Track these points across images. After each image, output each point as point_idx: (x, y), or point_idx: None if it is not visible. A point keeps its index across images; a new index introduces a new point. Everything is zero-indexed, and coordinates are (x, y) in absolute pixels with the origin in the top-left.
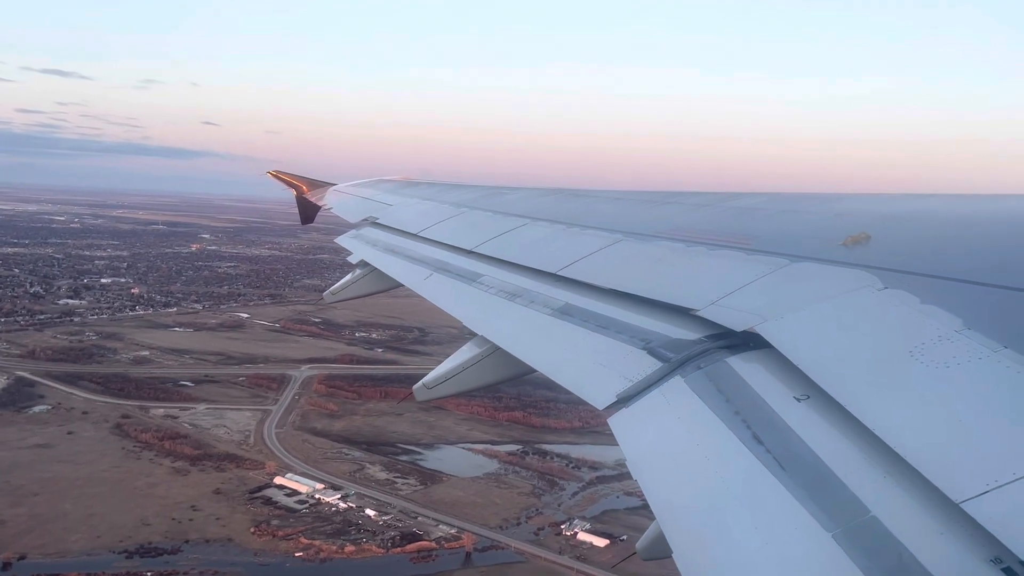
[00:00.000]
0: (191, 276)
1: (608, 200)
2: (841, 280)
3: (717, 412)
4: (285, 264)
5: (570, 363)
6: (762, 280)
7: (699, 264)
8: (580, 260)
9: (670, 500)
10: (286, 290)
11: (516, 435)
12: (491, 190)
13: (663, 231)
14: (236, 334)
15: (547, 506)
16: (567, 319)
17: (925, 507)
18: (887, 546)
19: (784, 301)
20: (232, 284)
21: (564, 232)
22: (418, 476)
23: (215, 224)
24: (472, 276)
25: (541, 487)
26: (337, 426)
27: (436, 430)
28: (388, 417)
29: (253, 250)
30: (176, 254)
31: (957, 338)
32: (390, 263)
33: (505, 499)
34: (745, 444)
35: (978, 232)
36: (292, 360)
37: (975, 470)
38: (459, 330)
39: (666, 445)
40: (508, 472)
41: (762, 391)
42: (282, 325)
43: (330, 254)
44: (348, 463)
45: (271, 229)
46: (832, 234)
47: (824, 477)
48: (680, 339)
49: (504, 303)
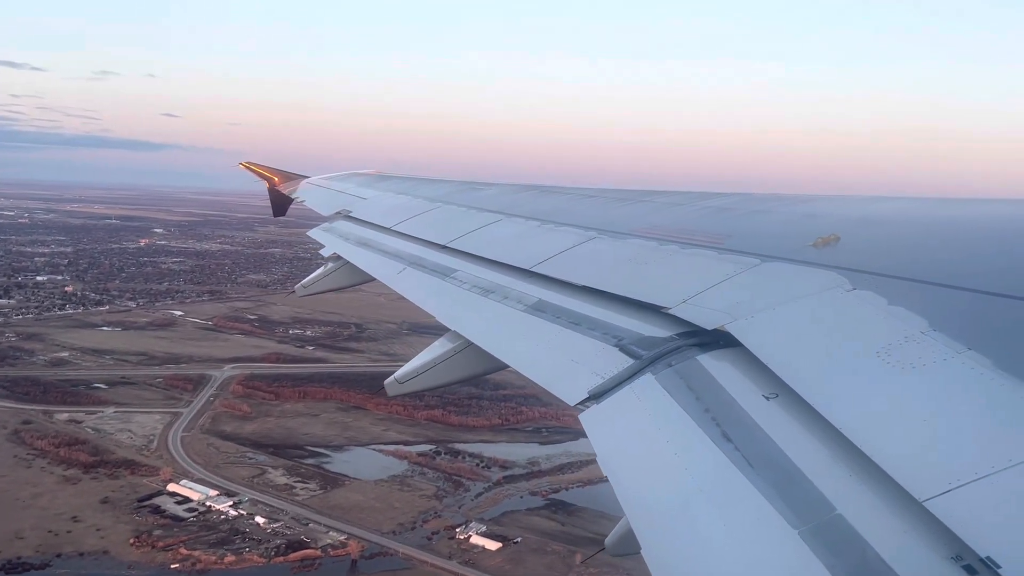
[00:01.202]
0: (133, 272)
1: (582, 197)
2: (810, 280)
3: (687, 409)
4: (233, 259)
5: (542, 359)
6: (733, 279)
7: (671, 262)
8: (554, 257)
9: (639, 496)
10: (228, 286)
11: (432, 434)
12: (465, 185)
13: (636, 229)
14: (165, 333)
15: (447, 508)
16: (540, 315)
17: (889, 505)
18: (852, 544)
19: (754, 300)
20: (173, 280)
21: (538, 228)
22: (320, 480)
23: (171, 218)
24: (446, 271)
25: (446, 489)
26: (247, 428)
27: (350, 431)
28: (303, 418)
29: (203, 245)
30: (122, 249)
31: (923, 339)
32: (363, 257)
33: (405, 502)
34: (714, 442)
35: (945, 235)
36: (216, 359)
37: (938, 469)
38: (397, 325)
39: (636, 442)
40: (415, 474)
41: (732, 389)
42: (215, 323)
43: (282, 248)
44: (249, 468)
45: (227, 223)
46: (802, 235)
47: (791, 475)
48: (652, 337)
49: (477, 298)
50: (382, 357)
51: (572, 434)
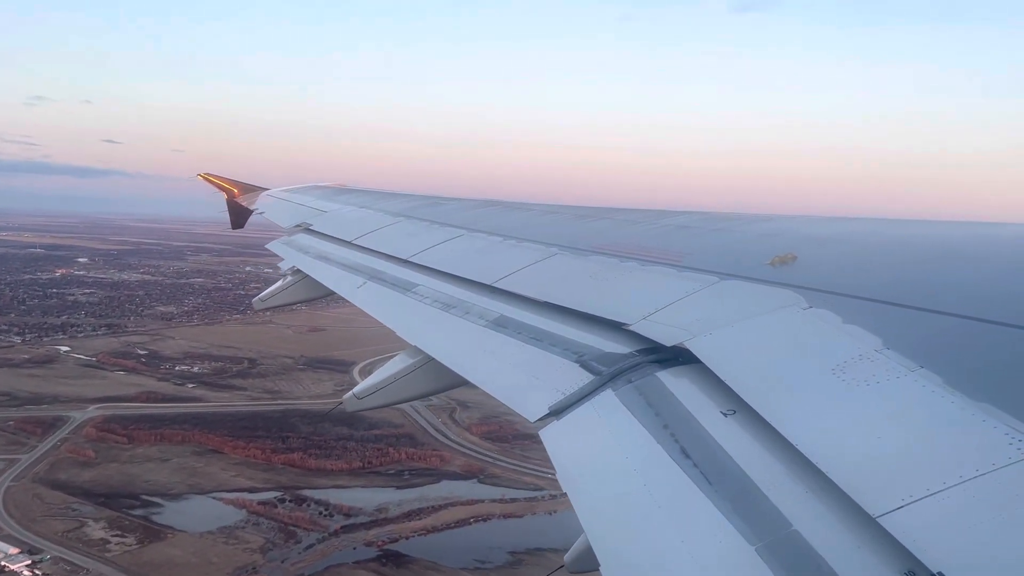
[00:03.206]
0: (34, 305)
1: (544, 213)
2: (768, 298)
3: (646, 426)
4: (149, 289)
5: (503, 375)
6: (692, 296)
7: (632, 279)
8: (515, 272)
9: (598, 512)
10: (131, 319)
11: (285, 480)
12: (427, 200)
13: (598, 246)
14: (40, 370)
15: (269, 563)
16: (501, 331)
17: (844, 521)
18: (808, 560)
19: (713, 317)
20: (74, 313)
21: (500, 244)
22: (141, 533)
23: (102, 246)
24: (407, 285)
25: (275, 541)
26: (85, 476)
27: (196, 477)
28: (151, 463)
29: (124, 275)
30: (34, 280)
31: (877, 357)
32: (322, 270)
33: (225, 557)
34: (673, 458)
35: (899, 255)
36: (84, 399)
37: (891, 485)
38: (294, 359)
39: (596, 458)
40: (248, 524)
41: (690, 405)
42: (99, 359)
43: (204, 278)
44: (69, 521)
45: (160, 251)
46: (760, 253)
47: (748, 491)
48: (612, 353)
49: (439, 313)
50: (263, 395)
51: (434, 476)
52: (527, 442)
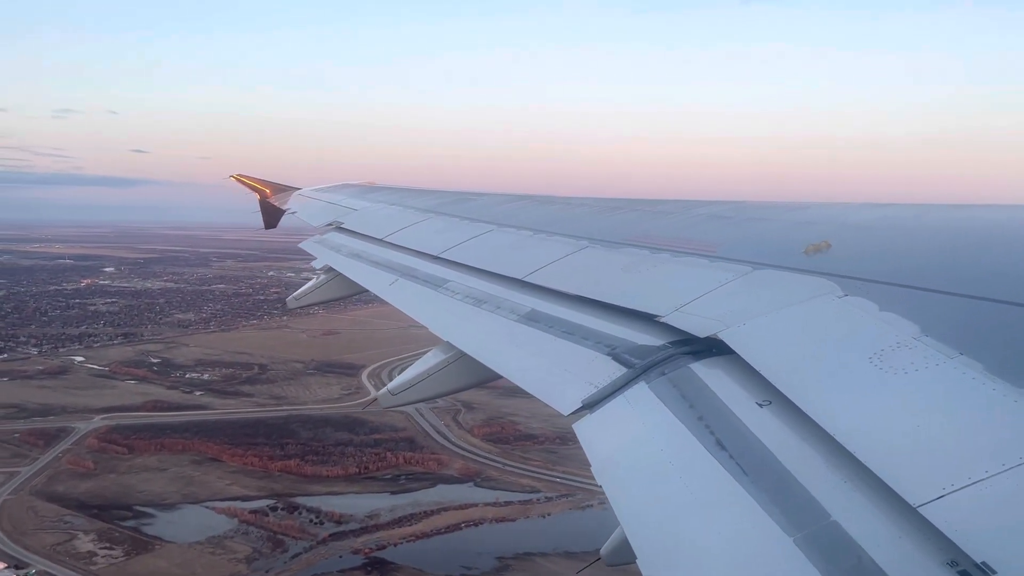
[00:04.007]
0: (56, 315)
1: (574, 206)
2: (802, 287)
3: (681, 418)
4: (170, 297)
5: (535, 369)
6: (725, 287)
7: (664, 271)
8: (546, 266)
9: (634, 505)
10: (148, 327)
11: (280, 487)
12: (457, 195)
13: (629, 238)
14: (52, 382)
15: (255, 571)
16: (533, 325)
17: (884, 511)
18: (847, 550)
19: (747, 308)
20: (93, 323)
21: (530, 238)
22: (129, 545)
23: (130, 255)
24: (438, 282)
25: (263, 550)
26: (82, 487)
27: (192, 486)
28: (148, 473)
29: (148, 282)
30: (59, 291)
31: (914, 345)
32: (355, 268)
33: (210, 568)
34: (708, 449)
35: (936, 241)
36: (90, 410)
37: (932, 474)
38: (304, 364)
39: (630, 451)
40: (237, 534)
41: (725, 397)
42: (111, 369)
43: (226, 284)
44: (59, 534)
45: (186, 259)
46: (794, 242)
47: (786, 482)
48: (645, 345)
49: (470, 309)
50: (269, 402)
51: (430, 480)
52: (528, 443)
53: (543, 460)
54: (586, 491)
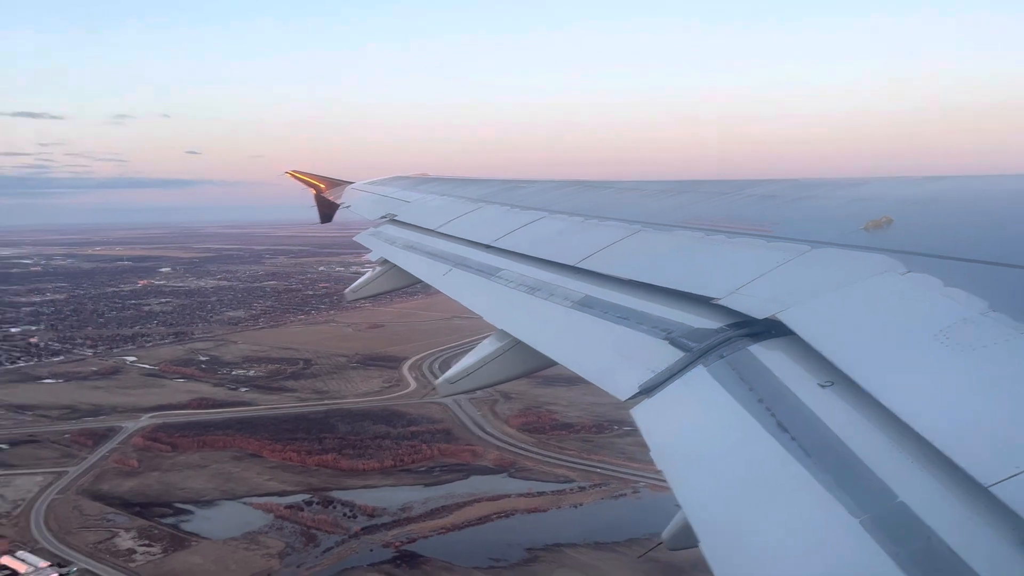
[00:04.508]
0: (112, 317)
1: (625, 190)
2: (863, 265)
3: (740, 401)
4: (222, 295)
5: (591, 355)
6: (783, 267)
7: (719, 252)
8: (599, 251)
9: (695, 489)
10: (199, 326)
11: (317, 481)
12: (507, 184)
13: (682, 220)
14: (104, 382)
15: (286, 568)
16: (587, 311)
17: (953, 491)
18: (915, 531)
19: (806, 288)
20: (146, 323)
21: (582, 224)
22: (167, 542)
23: (185, 255)
24: (491, 270)
25: (295, 545)
26: (126, 486)
27: (232, 483)
28: (190, 471)
29: (201, 282)
30: (116, 293)
31: (982, 320)
32: (409, 259)
33: (243, 563)
34: (769, 432)
35: (1002, 213)
36: (139, 409)
37: (1003, 453)
38: (348, 358)
39: (690, 435)
40: (272, 529)
41: (785, 379)
42: (162, 368)
43: (277, 280)
44: (101, 532)
45: (240, 257)
46: (853, 219)
47: (850, 463)
48: (702, 328)
49: (524, 296)
50: (311, 396)
51: (464, 472)
52: (564, 432)
53: (578, 449)
54: (620, 480)
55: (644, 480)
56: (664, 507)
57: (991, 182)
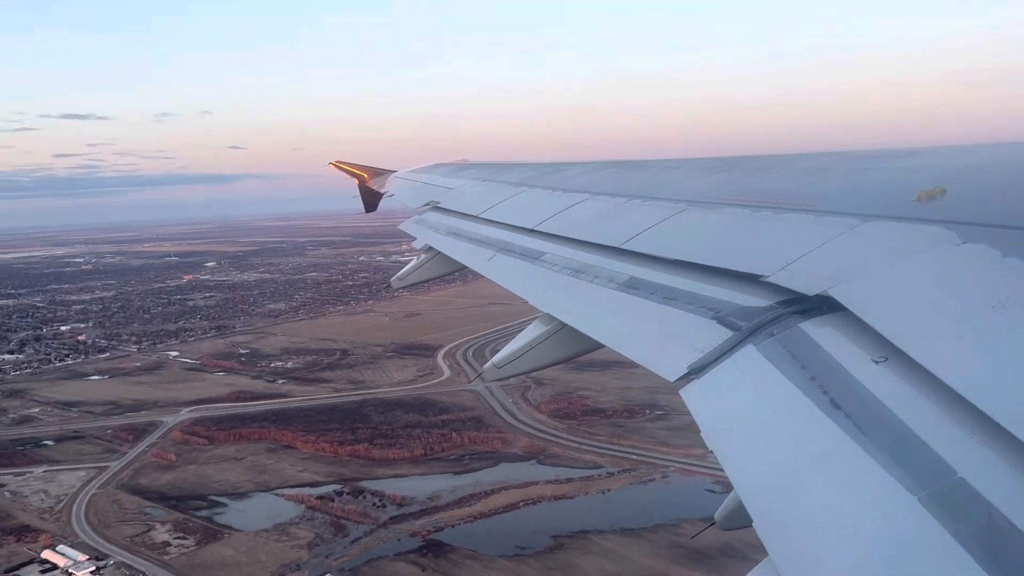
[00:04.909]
0: (157, 312)
1: (668, 169)
2: (916, 237)
3: (792, 379)
4: (264, 288)
5: (638, 336)
6: (833, 242)
7: (766, 229)
8: (643, 232)
9: (748, 469)
10: (241, 319)
11: (348, 471)
12: (549, 167)
13: (727, 197)
14: (148, 377)
15: (315, 558)
16: (633, 292)
17: (1015, 466)
18: (976, 507)
19: (857, 262)
20: (190, 318)
21: (625, 204)
22: (201, 534)
23: (231, 249)
24: (535, 254)
25: (325, 535)
26: (163, 480)
27: (265, 474)
28: (226, 463)
29: (245, 275)
30: (162, 288)
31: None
32: (453, 246)
33: (273, 554)
34: (823, 410)
35: None
36: (179, 403)
37: None
38: (384, 347)
39: (741, 414)
40: (302, 520)
41: (838, 355)
42: (202, 362)
43: (318, 272)
44: (138, 525)
45: (284, 249)
46: (904, 190)
47: (907, 440)
48: (750, 307)
49: (569, 279)
50: (346, 387)
51: (493, 459)
52: (595, 418)
53: (609, 435)
54: (650, 465)
55: (674, 465)
56: (693, 491)
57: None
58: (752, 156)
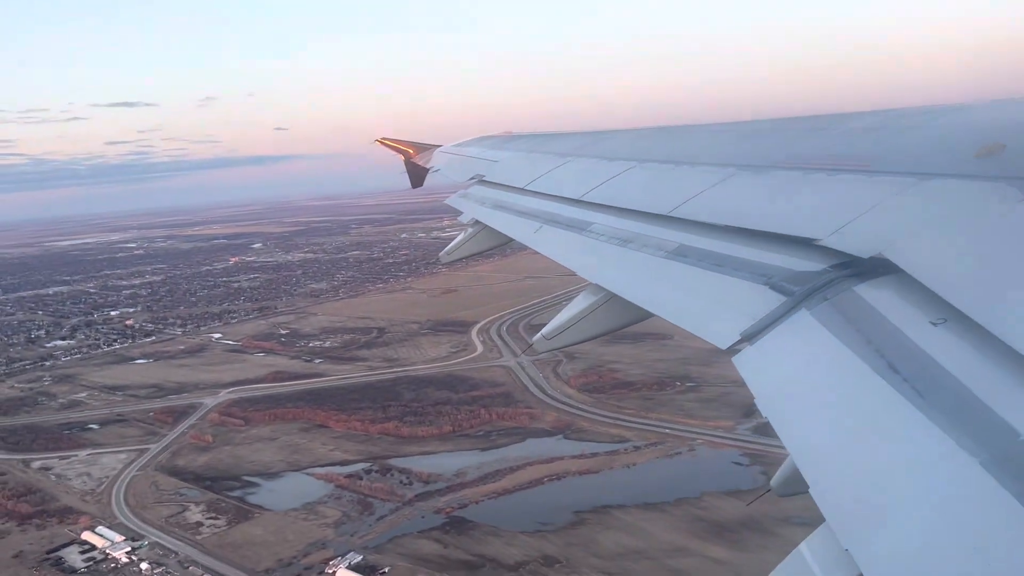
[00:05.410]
0: (203, 295)
1: (715, 134)
2: (975, 195)
3: (847, 343)
4: (307, 268)
5: (688, 305)
6: (888, 202)
7: (819, 191)
8: (692, 199)
9: (803, 435)
10: (283, 300)
11: (378, 449)
12: (594, 136)
13: (777, 160)
14: (190, 360)
15: (341, 536)
16: (682, 260)
17: None
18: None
19: (914, 222)
20: (234, 300)
21: (672, 171)
22: (233, 514)
23: (278, 230)
24: (582, 225)
25: (351, 514)
26: (200, 461)
27: (297, 454)
28: (260, 444)
29: (290, 255)
30: (209, 271)
31: None
32: (500, 219)
33: (300, 533)
34: (879, 374)
35: None
36: (219, 385)
37: None
38: (420, 324)
39: (795, 380)
40: (330, 499)
41: (894, 318)
42: (243, 343)
43: (360, 250)
44: (174, 506)
45: (328, 229)
46: (961, 147)
47: (967, 402)
48: (803, 271)
49: (616, 249)
50: (381, 365)
51: (520, 435)
52: (624, 391)
53: (637, 408)
54: (677, 438)
55: (702, 437)
56: (719, 465)
57: None
58: (801, 117)
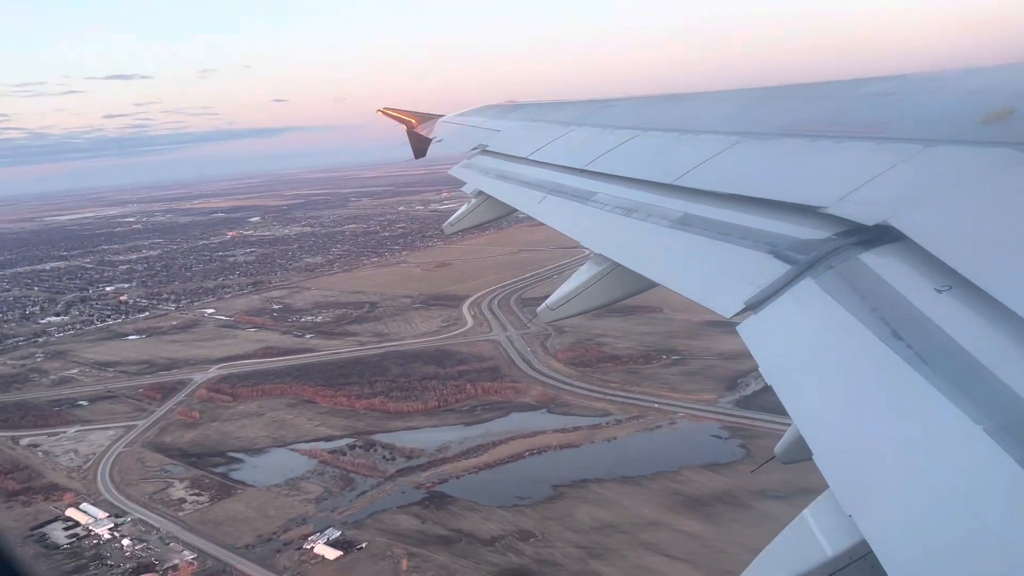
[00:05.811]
0: (198, 270)
1: (720, 101)
2: (982, 161)
3: (852, 311)
4: (304, 242)
5: (693, 274)
6: (894, 169)
7: (825, 159)
8: (697, 167)
9: (807, 403)
10: (277, 274)
11: (363, 425)
12: (597, 104)
13: (783, 127)
14: (182, 335)
15: (320, 512)
16: (687, 229)
17: None
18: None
19: (920, 190)
20: (229, 275)
21: (677, 140)
22: (215, 491)
23: (276, 203)
24: (586, 195)
25: (332, 489)
26: (186, 437)
27: (283, 430)
28: (247, 420)
29: (287, 229)
30: (206, 245)
31: None
32: (503, 189)
33: (281, 509)
34: (884, 341)
35: None
36: (209, 361)
37: None
38: (412, 299)
39: (799, 348)
40: (313, 475)
41: (899, 286)
42: (235, 319)
43: (357, 224)
44: (158, 483)
45: (326, 201)
46: (969, 113)
47: (972, 369)
48: (808, 239)
49: (621, 219)
50: (371, 340)
51: (504, 410)
52: (609, 364)
53: (622, 381)
54: (659, 412)
55: (684, 411)
56: (699, 438)
57: None
58: (808, 84)
